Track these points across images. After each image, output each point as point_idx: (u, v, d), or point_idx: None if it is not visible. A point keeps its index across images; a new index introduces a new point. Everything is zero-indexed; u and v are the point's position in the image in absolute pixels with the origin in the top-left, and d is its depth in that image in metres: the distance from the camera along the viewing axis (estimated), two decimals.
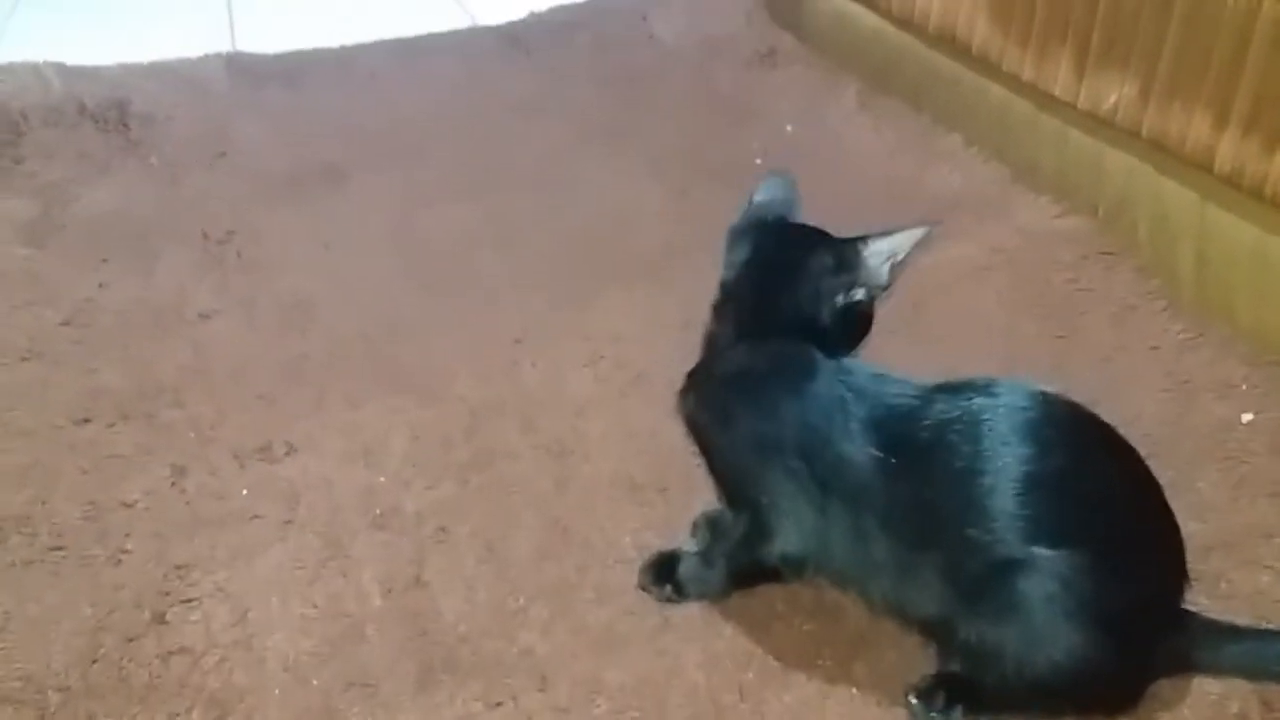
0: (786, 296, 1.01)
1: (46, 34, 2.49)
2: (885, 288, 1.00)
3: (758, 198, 1.09)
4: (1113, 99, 1.49)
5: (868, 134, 1.89)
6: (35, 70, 2.11)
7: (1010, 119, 1.70)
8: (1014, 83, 1.68)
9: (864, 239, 0.99)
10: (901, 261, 0.99)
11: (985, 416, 0.90)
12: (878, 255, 0.99)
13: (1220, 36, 1.32)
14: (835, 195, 1.69)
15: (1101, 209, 1.54)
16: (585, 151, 1.92)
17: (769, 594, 1.05)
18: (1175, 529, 0.96)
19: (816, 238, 1.03)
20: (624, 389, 1.34)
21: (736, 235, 1.06)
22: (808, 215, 1.09)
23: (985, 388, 0.93)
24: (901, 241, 0.98)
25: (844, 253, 1.00)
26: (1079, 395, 1.25)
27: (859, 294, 1.00)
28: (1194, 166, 1.39)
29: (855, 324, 1.02)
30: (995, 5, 1.68)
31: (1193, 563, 1.06)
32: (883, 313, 1.05)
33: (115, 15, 2.66)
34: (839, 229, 1.14)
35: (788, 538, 0.96)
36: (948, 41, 1.81)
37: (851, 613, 1.03)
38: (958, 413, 0.91)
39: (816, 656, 1.00)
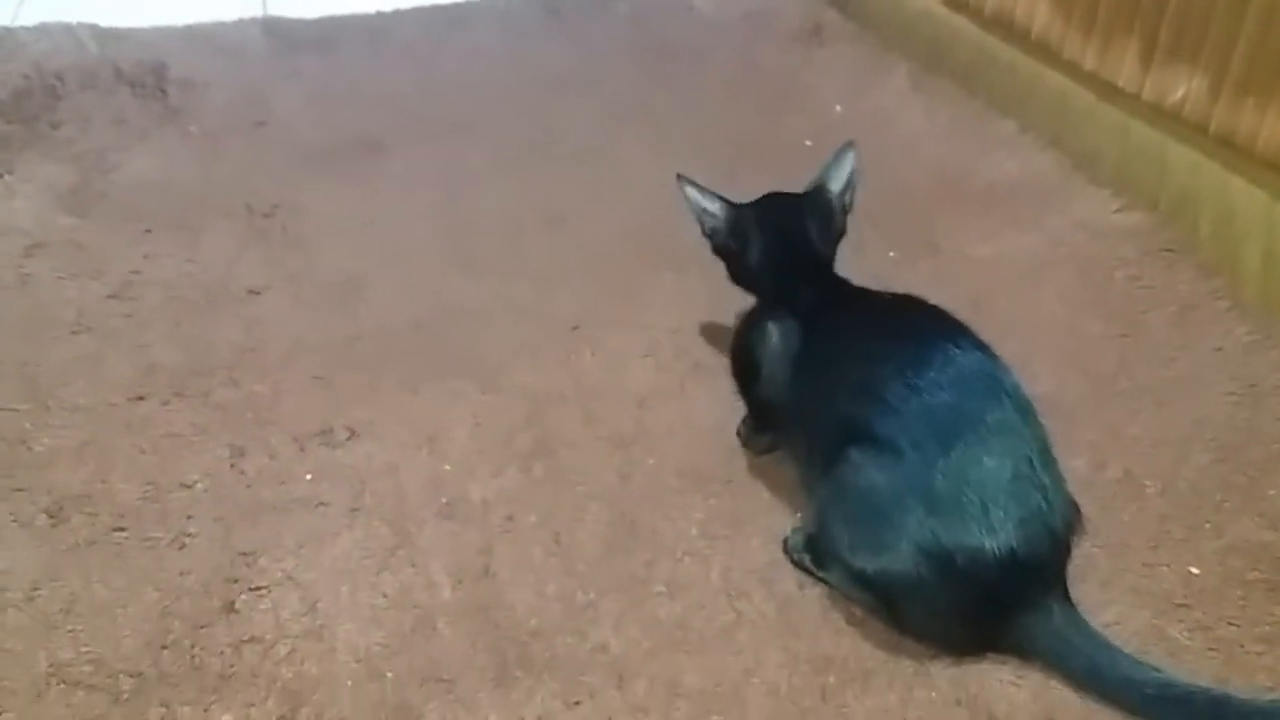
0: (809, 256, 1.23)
1: None
2: (852, 204, 1.25)
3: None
4: (1180, 93, 1.46)
5: (920, 116, 1.86)
6: (69, 31, 2.08)
7: (1069, 108, 1.67)
8: (1074, 71, 1.65)
9: (821, 186, 1.23)
10: (853, 183, 1.24)
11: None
12: (837, 188, 1.23)
13: None
14: (888, 178, 1.69)
15: (1163, 203, 1.52)
16: (628, 130, 1.89)
17: (846, 600, 1.04)
18: (1052, 501, 0.96)
19: (800, 201, 1.24)
20: (684, 379, 1.33)
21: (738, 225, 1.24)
22: (861, 199, 1.27)
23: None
24: (846, 172, 1.23)
25: (819, 200, 1.23)
26: (1145, 396, 1.27)
27: (841, 221, 1.25)
28: (1264, 165, 1.36)
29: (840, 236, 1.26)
30: None
31: (1268, 574, 1.06)
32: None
33: None
34: (896, 214, 1.60)
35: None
36: (1004, 26, 1.78)
37: None
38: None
39: (896, 660, 0.99)
